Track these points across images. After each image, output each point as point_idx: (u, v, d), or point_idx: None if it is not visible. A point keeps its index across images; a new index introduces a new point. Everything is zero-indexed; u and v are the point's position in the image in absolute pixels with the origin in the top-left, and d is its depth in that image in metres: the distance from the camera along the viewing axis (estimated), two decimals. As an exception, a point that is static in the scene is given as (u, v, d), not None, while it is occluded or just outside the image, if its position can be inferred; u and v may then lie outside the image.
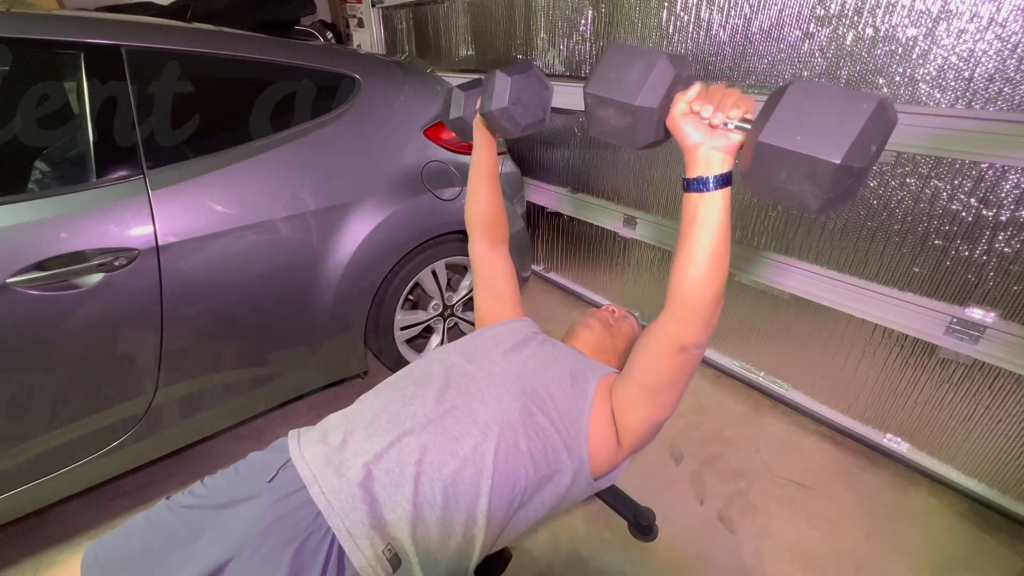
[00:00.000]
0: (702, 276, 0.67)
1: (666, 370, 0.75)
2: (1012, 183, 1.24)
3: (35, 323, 1.05)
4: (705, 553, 1.38)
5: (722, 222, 0.65)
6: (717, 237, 0.65)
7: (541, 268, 2.89)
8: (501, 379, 0.84)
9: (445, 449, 0.74)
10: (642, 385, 0.79)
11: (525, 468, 0.76)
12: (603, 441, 0.82)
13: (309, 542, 0.67)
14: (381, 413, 0.79)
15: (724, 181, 0.64)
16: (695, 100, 0.64)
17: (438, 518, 0.71)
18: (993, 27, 1.18)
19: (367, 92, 1.53)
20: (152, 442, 1.33)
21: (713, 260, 0.66)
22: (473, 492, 0.72)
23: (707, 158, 0.64)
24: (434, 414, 0.78)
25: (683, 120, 0.65)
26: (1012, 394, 1.38)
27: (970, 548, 1.40)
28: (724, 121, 0.62)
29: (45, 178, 1.14)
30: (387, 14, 3.53)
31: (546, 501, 0.80)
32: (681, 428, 1.78)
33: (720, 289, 0.68)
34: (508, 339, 0.95)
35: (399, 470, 0.72)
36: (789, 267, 1.70)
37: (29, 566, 1.32)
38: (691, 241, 0.66)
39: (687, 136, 0.65)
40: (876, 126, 0.49)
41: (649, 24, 1.88)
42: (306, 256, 1.43)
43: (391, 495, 0.70)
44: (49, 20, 1.11)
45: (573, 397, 0.83)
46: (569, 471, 0.80)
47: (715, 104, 0.63)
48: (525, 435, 0.77)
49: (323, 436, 0.78)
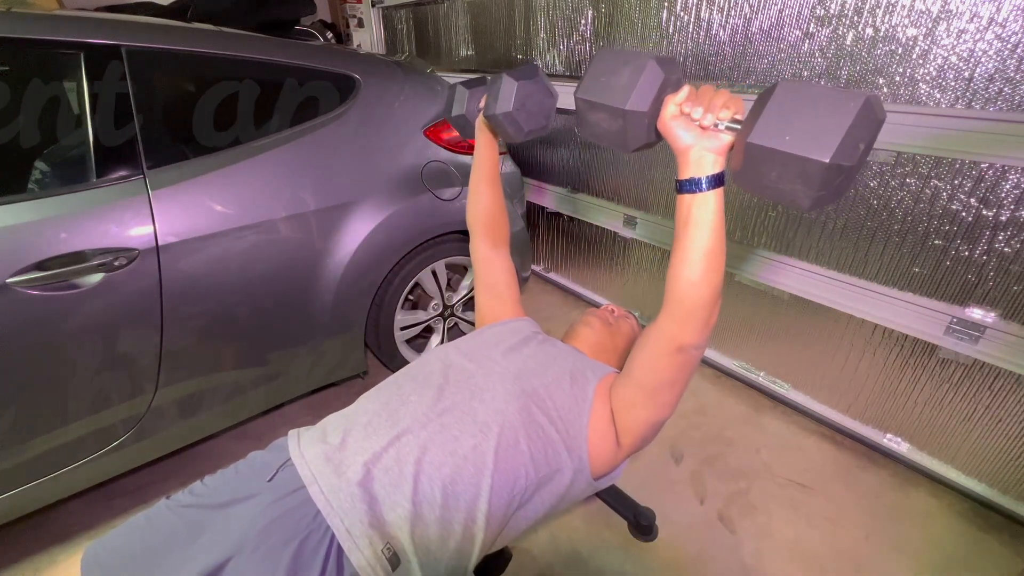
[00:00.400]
0: (697, 277, 0.67)
1: (665, 370, 0.75)
2: (1012, 183, 1.24)
3: (35, 323, 1.05)
4: (705, 553, 1.38)
5: (716, 222, 0.65)
6: (711, 237, 0.65)
7: (541, 268, 2.89)
8: (501, 378, 0.83)
9: (444, 448, 0.74)
10: (641, 385, 0.79)
11: (525, 467, 0.76)
12: (603, 441, 0.82)
13: (309, 541, 0.67)
14: (380, 412, 0.79)
15: (716, 181, 0.64)
16: (685, 102, 0.65)
17: (437, 517, 0.71)
18: (993, 27, 1.18)
19: (367, 92, 1.53)
20: (152, 442, 1.33)
21: (708, 260, 0.66)
22: (472, 491, 0.72)
23: (698, 159, 0.64)
24: (433, 413, 0.78)
25: (674, 122, 0.65)
26: (1012, 394, 1.38)
27: (970, 548, 1.40)
28: (715, 122, 0.62)
29: (45, 178, 1.13)
30: (387, 14, 3.53)
31: (546, 501, 0.80)
32: (681, 428, 1.78)
33: (716, 289, 0.68)
34: (508, 338, 0.95)
35: (398, 469, 0.72)
36: (789, 267, 1.70)
37: (29, 566, 1.32)
38: (685, 242, 0.67)
39: (678, 138, 0.65)
40: (864, 124, 0.49)
41: (649, 24, 1.88)
42: (306, 256, 1.43)
43: (390, 494, 0.70)
44: (49, 20, 1.11)
45: (573, 397, 0.83)
46: (569, 471, 0.80)
47: (704, 105, 0.63)
48: (525, 434, 0.78)
49: (323, 435, 0.78)
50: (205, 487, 0.78)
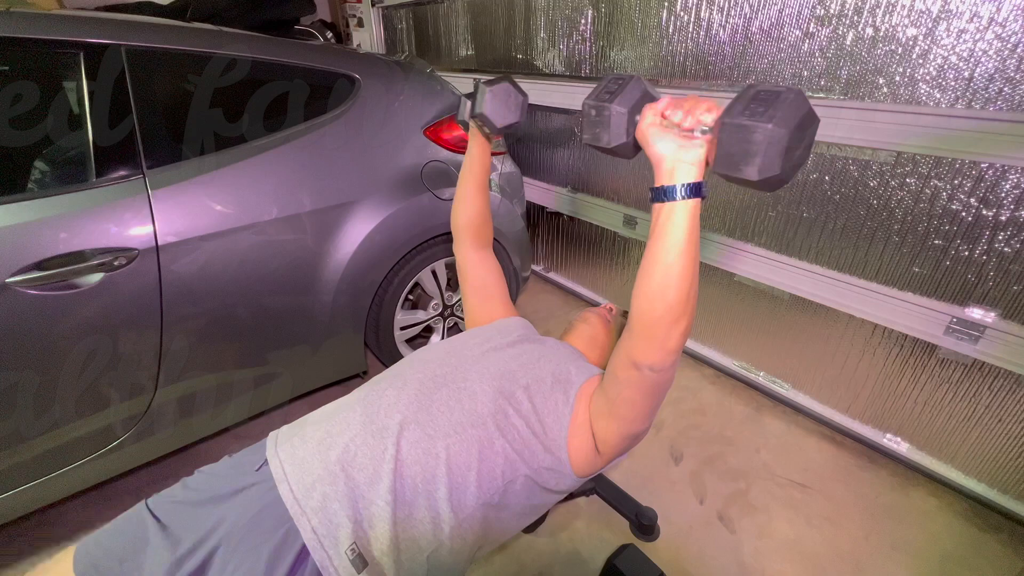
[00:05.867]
0: (654, 290, 0.64)
1: (623, 384, 0.72)
2: (1012, 183, 1.24)
3: (35, 323, 1.05)
4: (705, 553, 1.38)
5: (684, 237, 0.61)
6: (676, 251, 0.62)
7: (541, 268, 2.89)
8: (480, 378, 0.83)
9: (419, 447, 0.73)
10: (607, 397, 0.76)
11: (501, 468, 0.76)
12: (583, 444, 0.80)
13: (286, 539, 0.67)
14: (356, 409, 0.79)
15: (691, 191, 0.61)
16: (666, 108, 0.65)
17: (410, 517, 0.70)
18: (993, 27, 1.18)
19: (367, 92, 1.53)
20: (152, 442, 1.33)
21: (668, 274, 0.62)
22: (446, 492, 0.72)
23: (672, 168, 0.63)
24: (409, 411, 0.77)
25: (650, 129, 0.65)
26: (1012, 394, 1.38)
27: (970, 548, 1.40)
28: (694, 124, 0.62)
29: (45, 178, 1.13)
30: (387, 14, 3.53)
31: (529, 499, 0.79)
32: (681, 428, 1.79)
33: (674, 307, 0.63)
34: (494, 338, 0.94)
35: (372, 468, 0.71)
36: (789, 267, 1.70)
37: (29, 566, 1.32)
38: (649, 254, 0.64)
39: (653, 146, 0.64)
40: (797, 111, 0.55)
41: (649, 24, 1.88)
42: (306, 256, 1.43)
43: (364, 493, 0.70)
44: (49, 20, 1.11)
45: (553, 399, 0.82)
46: (549, 472, 0.79)
47: (685, 109, 0.63)
48: (500, 436, 0.77)
49: (300, 434, 0.78)
50: (196, 482, 0.79)
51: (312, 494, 0.69)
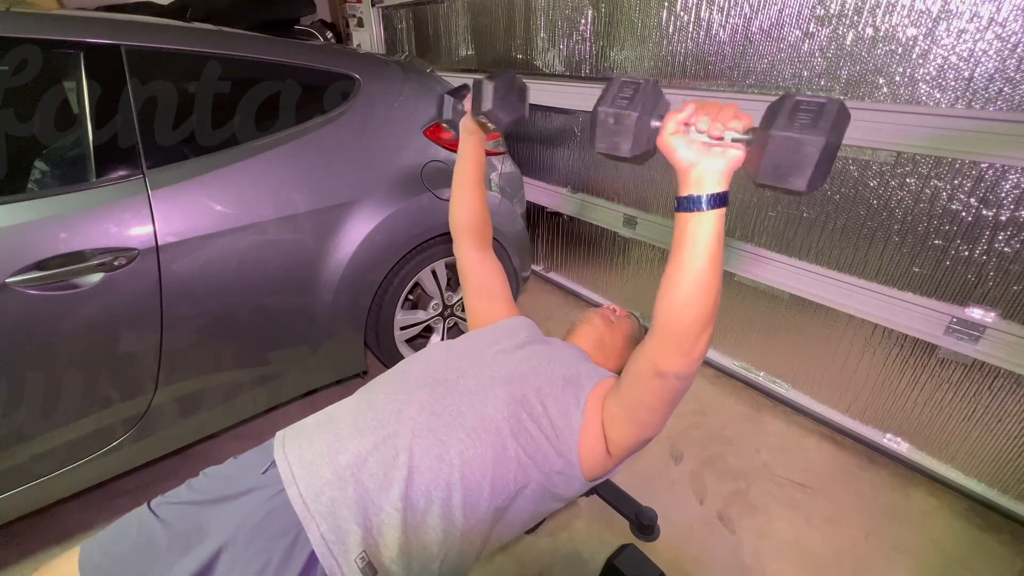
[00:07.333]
0: (683, 299, 0.63)
1: (646, 392, 0.72)
2: (1012, 183, 1.24)
3: (35, 323, 1.05)
4: (705, 553, 1.38)
5: (712, 245, 0.61)
6: (705, 260, 0.61)
7: (541, 268, 2.89)
8: (492, 382, 0.82)
9: (432, 453, 0.72)
10: (625, 403, 0.76)
11: (514, 473, 0.75)
12: (595, 447, 0.80)
13: (294, 545, 0.66)
14: (367, 413, 0.78)
15: (718, 201, 0.60)
16: (692, 115, 0.62)
17: (422, 523, 0.69)
18: (993, 27, 1.18)
19: (367, 92, 1.53)
20: (152, 442, 1.33)
21: (698, 284, 0.62)
22: (459, 497, 0.71)
23: (699, 177, 0.61)
24: (421, 417, 0.76)
25: (674, 139, 0.63)
26: (1012, 394, 1.38)
27: (970, 548, 1.40)
28: (723, 132, 0.60)
29: (45, 178, 1.13)
30: (387, 14, 3.53)
31: (537, 502, 0.79)
32: (681, 428, 1.79)
33: (703, 316, 0.63)
34: (503, 340, 0.93)
35: (383, 473, 0.70)
36: (789, 267, 1.70)
37: (29, 566, 1.32)
38: (677, 262, 0.63)
39: (679, 155, 0.62)
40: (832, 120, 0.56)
41: (649, 24, 1.88)
42: (306, 256, 1.43)
43: (375, 499, 0.69)
44: (49, 20, 1.11)
45: (565, 403, 0.81)
46: (559, 475, 0.79)
47: (712, 116, 0.60)
48: (514, 440, 0.76)
49: (308, 436, 0.77)
50: (201, 483, 0.78)
51: (320, 498, 0.68)
